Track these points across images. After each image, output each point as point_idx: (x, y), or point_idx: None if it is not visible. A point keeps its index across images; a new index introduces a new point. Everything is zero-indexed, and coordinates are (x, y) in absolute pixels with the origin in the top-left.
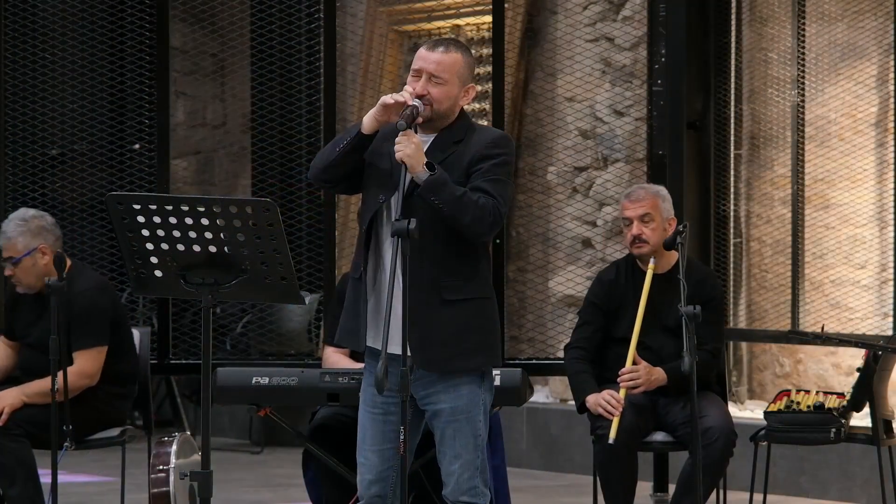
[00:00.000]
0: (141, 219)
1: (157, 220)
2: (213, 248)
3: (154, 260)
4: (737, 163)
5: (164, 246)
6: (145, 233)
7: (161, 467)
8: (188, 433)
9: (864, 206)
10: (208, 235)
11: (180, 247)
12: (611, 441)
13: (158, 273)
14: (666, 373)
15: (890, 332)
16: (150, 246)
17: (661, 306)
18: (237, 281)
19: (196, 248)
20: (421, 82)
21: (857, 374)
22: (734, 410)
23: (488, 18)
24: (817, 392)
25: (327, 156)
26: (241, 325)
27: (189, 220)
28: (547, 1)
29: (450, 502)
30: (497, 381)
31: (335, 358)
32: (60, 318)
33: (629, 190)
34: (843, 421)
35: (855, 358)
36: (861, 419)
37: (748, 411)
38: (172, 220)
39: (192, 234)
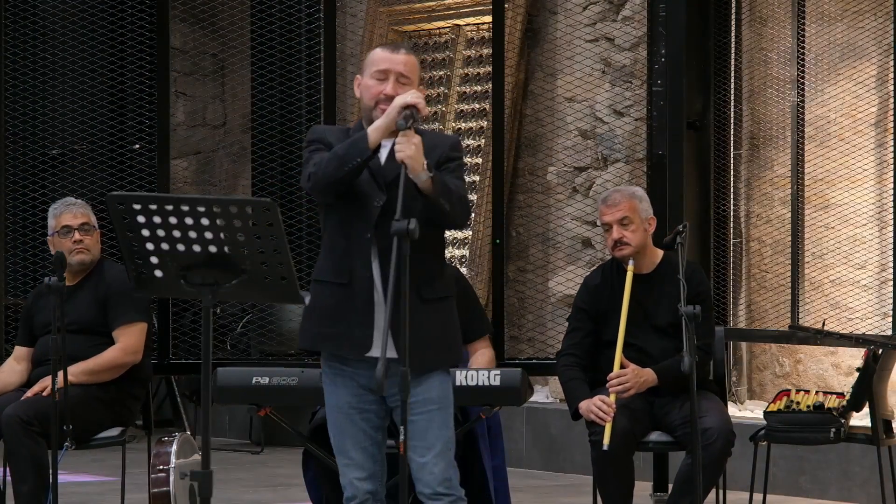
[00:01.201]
0: (141, 219)
1: (157, 220)
2: (213, 248)
3: (154, 260)
4: (737, 163)
5: (165, 246)
6: (145, 233)
7: (161, 467)
8: (188, 433)
9: (863, 206)
10: (208, 235)
11: (180, 247)
12: (605, 447)
13: (158, 273)
14: (656, 373)
15: (890, 332)
16: (150, 246)
17: (647, 306)
18: (237, 281)
19: (196, 248)
20: (391, 84)
21: (856, 374)
22: (734, 410)
23: (488, 18)
24: (817, 392)
25: (334, 172)
26: (241, 325)
27: (189, 220)
28: (547, 1)
29: (425, 497)
30: (497, 381)
31: None
32: (95, 301)
33: (605, 195)
34: (842, 421)
35: (855, 358)
36: (861, 419)
37: (748, 411)
38: (172, 220)
39: (192, 234)
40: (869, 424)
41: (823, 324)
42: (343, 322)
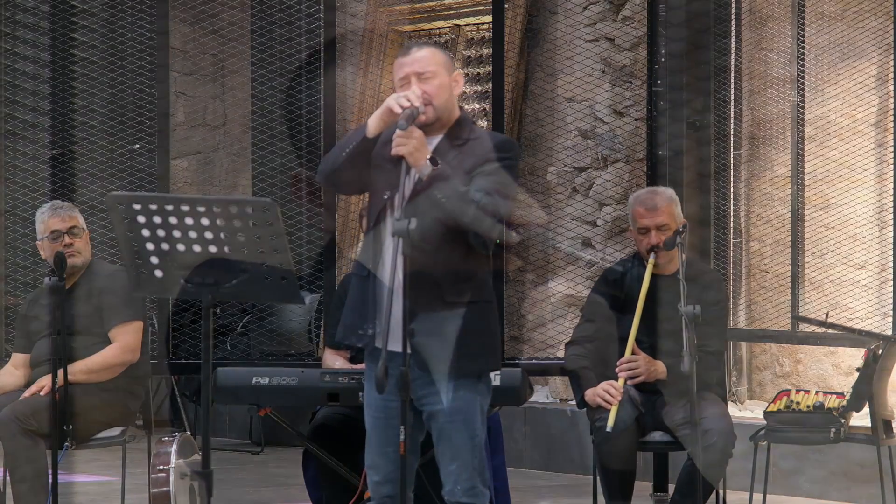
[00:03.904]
0: (141, 219)
1: (157, 220)
2: (213, 248)
3: (154, 260)
4: (737, 163)
5: (165, 246)
6: (145, 233)
7: (161, 467)
8: (188, 433)
9: (863, 206)
10: (208, 235)
11: (180, 247)
12: (609, 428)
13: (158, 273)
14: (667, 367)
15: (890, 332)
16: (150, 246)
17: (665, 306)
18: (237, 281)
19: (196, 248)
20: (415, 85)
21: (856, 374)
22: (734, 410)
23: (488, 18)
24: (817, 392)
25: (334, 159)
26: (241, 325)
27: (189, 220)
28: (547, 1)
29: (448, 502)
30: (497, 381)
31: (333, 360)
32: (89, 303)
33: (642, 197)
34: (842, 421)
35: (855, 358)
36: (861, 419)
37: (748, 411)
38: (172, 220)
39: (193, 234)
40: (869, 424)
41: (827, 315)
42: (362, 316)
